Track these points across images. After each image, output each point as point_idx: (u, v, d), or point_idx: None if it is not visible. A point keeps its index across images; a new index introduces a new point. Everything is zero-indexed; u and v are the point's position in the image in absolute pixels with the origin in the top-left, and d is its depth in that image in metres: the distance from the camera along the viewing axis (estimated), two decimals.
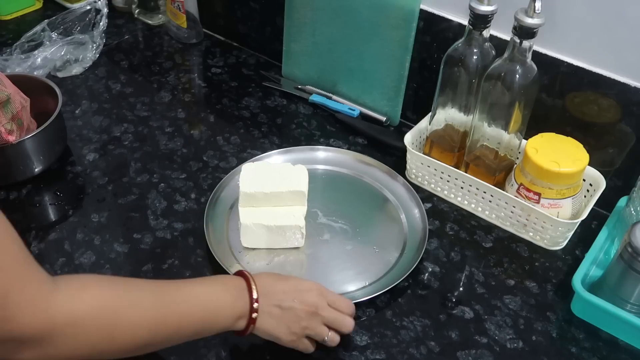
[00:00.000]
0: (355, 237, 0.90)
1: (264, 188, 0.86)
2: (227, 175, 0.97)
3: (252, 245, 0.87)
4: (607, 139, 0.93)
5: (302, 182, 0.87)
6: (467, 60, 0.89)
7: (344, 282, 0.84)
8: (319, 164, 1.02)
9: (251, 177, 0.88)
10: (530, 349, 0.78)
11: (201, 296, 0.65)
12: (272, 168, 0.91)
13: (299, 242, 0.87)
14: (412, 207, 0.94)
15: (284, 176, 0.88)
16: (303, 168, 0.90)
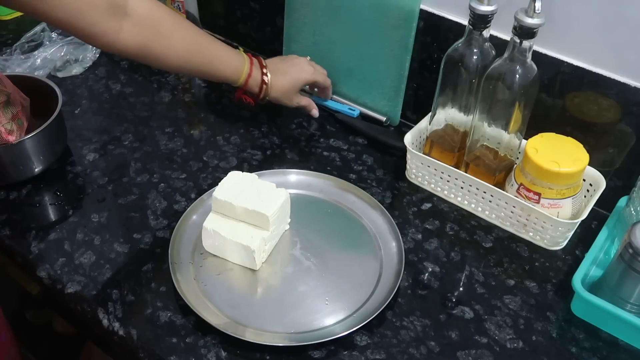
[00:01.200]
0: (317, 280, 0.84)
1: (234, 200, 0.84)
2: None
3: (212, 251, 0.86)
4: (607, 139, 0.93)
5: (271, 207, 0.84)
6: (467, 60, 0.89)
7: (271, 322, 0.79)
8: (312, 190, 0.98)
9: (230, 186, 0.86)
10: (530, 349, 0.78)
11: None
12: (255, 184, 0.87)
13: (253, 265, 0.84)
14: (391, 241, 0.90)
15: (260, 195, 0.85)
16: (284, 193, 0.87)
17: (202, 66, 0.95)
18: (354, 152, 1.08)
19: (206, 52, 0.95)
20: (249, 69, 0.99)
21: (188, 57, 0.92)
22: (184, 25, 0.92)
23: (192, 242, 0.88)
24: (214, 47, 0.96)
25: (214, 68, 0.96)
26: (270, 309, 0.81)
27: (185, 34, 0.91)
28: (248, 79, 0.99)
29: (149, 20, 0.85)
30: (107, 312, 0.80)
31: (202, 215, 0.90)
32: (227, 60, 0.98)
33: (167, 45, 0.88)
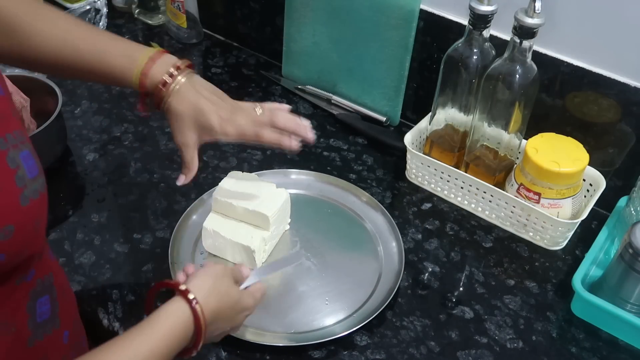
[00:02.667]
0: (317, 280, 0.84)
1: (234, 200, 0.84)
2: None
3: (212, 251, 0.86)
4: (607, 139, 0.93)
5: (271, 207, 0.84)
6: (467, 60, 0.89)
7: (271, 322, 0.79)
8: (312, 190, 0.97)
9: (230, 185, 0.86)
10: (530, 349, 0.78)
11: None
12: (255, 184, 0.87)
13: (252, 264, 0.84)
14: (391, 240, 0.90)
15: (260, 195, 0.85)
16: (284, 193, 0.87)
17: (80, 64, 0.70)
18: (354, 152, 1.08)
19: (82, 46, 0.70)
20: (149, 60, 0.71)
21: (58, 56, 0.70)
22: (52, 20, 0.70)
23: (192, 242, 0.88)
24: (94, 39, 0.71)
25: (94, 69, 0.70)
26: (270, 309, 0.81)
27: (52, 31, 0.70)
28: (156, 59, 0.71)
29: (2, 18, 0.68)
30: (107, 312, 0.80)
31: (202, 215, 0.90)
32: (111, 58, 0.70)
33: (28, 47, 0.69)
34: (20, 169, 0.50)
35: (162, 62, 0.71)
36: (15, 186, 0.49)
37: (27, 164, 0.51)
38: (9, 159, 0.49)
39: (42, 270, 0.58)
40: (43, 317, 0.58)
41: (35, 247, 0.55)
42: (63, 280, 0.66)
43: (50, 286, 0.59)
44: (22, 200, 0.49)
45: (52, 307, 0.59)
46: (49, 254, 0.62)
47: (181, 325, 0.59)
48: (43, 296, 0.58)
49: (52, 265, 0.62)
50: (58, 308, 0.60)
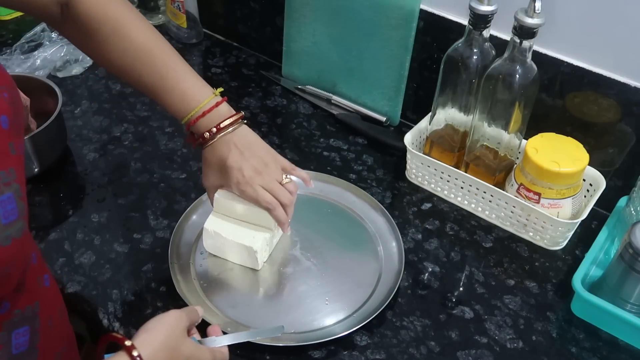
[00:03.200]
0: (317, 280, 0.84)
1: (235, 200, 0.82)
2: None
3: (213, 252, 0.86)
4: (607, 139, 0.93)
5: None
6: (467, 60, 0.89)
7: (272, 322, 0.79)
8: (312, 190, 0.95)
9: None
10: (530, 349, 0.78)
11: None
12: None
13: (255, 265, 0.84)
14: (391, 240, 0.90)
15: None
16: None
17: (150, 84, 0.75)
18: (354, 152, 1.08)
19: (160, 63, 0.75)
20: (201, 114, 0.75)
21: (131, 71, 0.75)
22: (134, 34, 0.74)
23: (192, 242, 0.88)
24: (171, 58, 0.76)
25: (164, 83, 0.75)
26: (270, 308, 0.81)
27: (136, 36, 0.74)
28: (206, 113, 0.76)
29: (85, 23, 0.72)
30: (107, 312, 0.80)
31: (202, 215, 0.90)
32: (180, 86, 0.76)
33: (104, 53, 0.75)
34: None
35: (210, 118, 0.76)
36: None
37: (5, 208, 0.49)
38: None
39: (23, 301, 0.56)
40: (20, 349, 0.56)
41: (4, 290, 0.53)
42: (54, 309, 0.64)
43: (32, 317, 0.57)
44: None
45: (31, 339, 0.57)
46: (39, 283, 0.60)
47: None
48: (21, 327, 0.56)
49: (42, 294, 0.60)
50: (38, 340, 0.59)
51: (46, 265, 0.65)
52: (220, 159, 0.78)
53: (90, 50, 0.77)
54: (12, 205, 0.50)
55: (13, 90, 0.55)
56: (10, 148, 0.52)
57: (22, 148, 0.55)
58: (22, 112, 0.56)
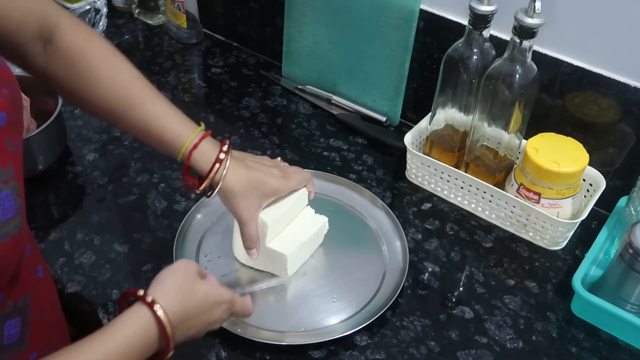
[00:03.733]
0: (323, 278, 0.85)
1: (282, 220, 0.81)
2: None
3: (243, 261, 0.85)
4: (607, 139, 0.93)
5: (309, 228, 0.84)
6: (467, 60, 0.89)
7: (276, 322, 0.79)
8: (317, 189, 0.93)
9: None
10: (530, 349, 0.78)
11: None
12: None
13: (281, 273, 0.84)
14: (395, 240, 0.90)
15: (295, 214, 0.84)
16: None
17: (132, 120, 0.71)
18: (354, 152, 1.08)
19: (139, 105, 0.71)
20: (197, 139, 0.72)
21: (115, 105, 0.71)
22: (117, 69, 0.71)
23: (196, 243, 0.88)
24: (152, 103, 0.72)
25: (148, 127, 0.71)
26: (277, 308, 0.81)
27: (114, 81, 0.71)
28: (193, 151, 0.71)
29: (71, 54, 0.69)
30: (107, 312, 0.80)
31: (206, 215, 0.90)
32: (167, 122, 0.72)
33: (86, 88, 0.70)
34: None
35: (208, 142, 0.73)
36: None
37: (3, 205, 0.50)
38: None
39: (16, 293, 0.56)
40: (11, 340, 0.57)
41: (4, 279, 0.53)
42: (46, 301, 0.64)
43: (24, 308, 0.58)
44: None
45: (22, 330, 0.58)
46: (32, 274, 0.61)
47: (141, 329, 0.58)
48: (13, 318, 0.57)
49: (35, 286, 0.60)
50: (29, 331, 0.59)
51: (42, 257, 0.65)
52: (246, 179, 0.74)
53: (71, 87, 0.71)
54: (10, 202, 0.50)
55: (13, 87, 0.55)
56: (7, 145, 0.52)
57: (20, 145, 0.56)
58: (22, 109, 0.56)
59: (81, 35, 0.70)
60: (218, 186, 0.73)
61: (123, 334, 0.57)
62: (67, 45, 0.69)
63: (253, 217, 0.76)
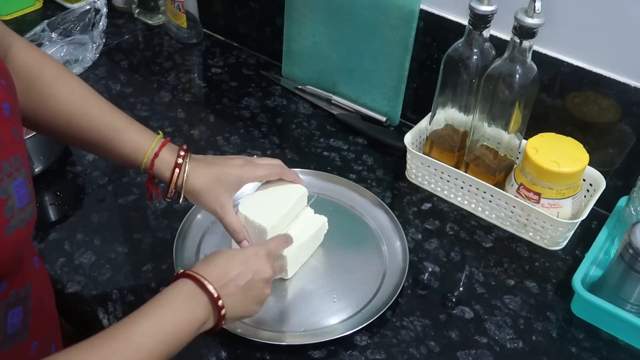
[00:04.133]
0: (323, 278, 0.85)
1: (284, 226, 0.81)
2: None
3: None
4: (607, 139, 0.93)
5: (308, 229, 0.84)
6: (467, 60, 0.89)
7: (276, 322, 0.79)
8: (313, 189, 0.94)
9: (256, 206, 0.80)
10: (530, 349, 0.78)
11: (155, 333, 0.59)
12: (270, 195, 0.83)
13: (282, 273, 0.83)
14: (395, 240, 0.90)
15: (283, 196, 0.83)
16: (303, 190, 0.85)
17: (92, 134, 0.72)
18: (354, 152, 1.08)
19: (98, 118, 0.72)
20: (157, 147, 0.74)
21: (72, 122, 0.71)
22: (74, 85, 0.72)
23: (196, 243, 0.88)
24: (111, 115, 0.74)
25: (108, 140, 0.72)
26: (278, 307, 0.81)
27: (72, 96, 0.72)
28: (154, 159, 0.73)
29: (26, 72, 0.69)
30: (107, 312, 0.80)
31: (206, 215, 0.90)
32: (127, 134, 0.73)
33: (45, 105, 0.70)
34: (11, 198, 0.50)
35: (168, 149, 0.75)
36: (3, 217, 0.49)
37: (19, 192, 0.51)
38: (1, 190, 0.49)
39: (18, 282, 0.57)
40: (14, 329, 0.57)
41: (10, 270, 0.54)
42: (44, 290, 0.65)
43: (25, 298, 0.59)
44: (7, 231, 0.49)
45: (23, 319, 0.58)
46: (30, 264, 0.61)
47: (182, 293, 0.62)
48: (16, 307, 0.57)
49: (33, 276, 0.61)
50: (30, 320, 0.60)
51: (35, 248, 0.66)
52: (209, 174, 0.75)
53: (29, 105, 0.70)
54: (24, 189, 0.52)
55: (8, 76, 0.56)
56: (14, 134, 0.53)
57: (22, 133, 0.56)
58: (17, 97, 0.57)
59: (35, 54, 0.71)
60: (182, 190, 0.74)
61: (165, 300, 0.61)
62: (22, 65, 0.69)
63: (227, 209, 0.76)
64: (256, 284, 0.67)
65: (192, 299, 0.62)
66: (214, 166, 0.76)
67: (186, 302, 0.62)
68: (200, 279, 0.62)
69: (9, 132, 0.52)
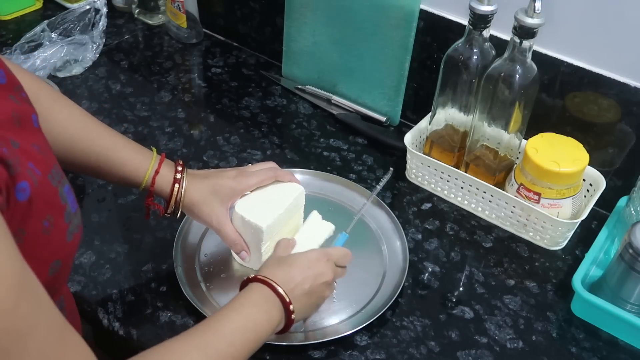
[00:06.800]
0: None
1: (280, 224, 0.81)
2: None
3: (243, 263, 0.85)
4: (607, 139, 0.93)
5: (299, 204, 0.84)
6: (467, 60, 0.89)
7: None
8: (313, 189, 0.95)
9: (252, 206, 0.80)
10: (530, 349, 0.78)
11: (242, 331, 0.63)
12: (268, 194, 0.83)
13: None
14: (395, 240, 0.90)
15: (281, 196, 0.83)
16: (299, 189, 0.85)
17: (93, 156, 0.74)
18: (354, 152, 1.08)
19: (97, 141, 0.74)
20: (157, 165, 0.76)
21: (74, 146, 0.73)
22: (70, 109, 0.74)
23: (196, 243, 0.88)
24: (109, 137, 0.76)
25: (109, 161, 0.74)
26: None
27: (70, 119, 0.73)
28: (155, 177, 0.76)
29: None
30: (107, 312, 0.80)
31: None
32: (126, 154, 0.75)
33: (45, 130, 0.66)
34: (67, 205, 0.51)
35: (166, 166, 0.77)
36: (64, 222, 0.50)
37: (70, 199, 0.52)
38: (61, 196, 0.50)
39: (57, 295, 0.58)
40: None
41: (67, 278, 0.57)
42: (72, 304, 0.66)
43: (62, 310, 0.59)
44: (68, 236, 0.51)
45: None
46: None
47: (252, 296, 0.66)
48: None
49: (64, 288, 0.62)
50: None
51: None
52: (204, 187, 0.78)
53: None
54: (72, 195, 0.54)
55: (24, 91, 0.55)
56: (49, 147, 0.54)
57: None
58: None
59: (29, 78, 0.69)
60: (181, 204, 0.77)
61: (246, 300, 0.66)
62: None
63: (223, 221, 0.78)
64: (318, 288, 0.72)
65: (268, 301, 0.67)
66: (209, 179, 0.79)
67: (264, 303, 0.67)
68: (272, 284, 0.67)
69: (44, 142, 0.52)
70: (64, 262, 0.50)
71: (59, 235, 0.49)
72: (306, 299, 0.71)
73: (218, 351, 0.60)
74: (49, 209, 0.48)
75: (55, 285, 0.52)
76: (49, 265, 0.49)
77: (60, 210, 0.49)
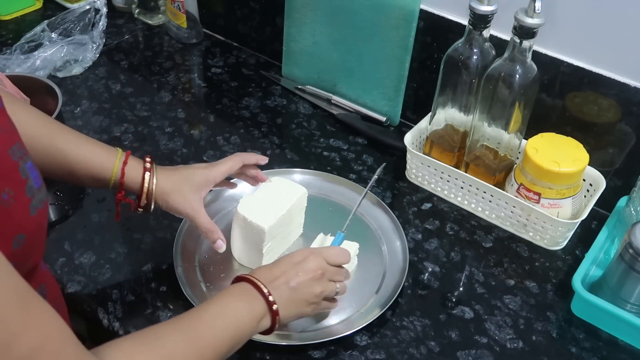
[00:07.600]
0: None
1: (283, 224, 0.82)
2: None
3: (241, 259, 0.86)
4: (607, 139, 0.93)
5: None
6: (467, 60, 0.89)
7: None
8: (313, 189, 0.94)
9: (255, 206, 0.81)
10: (530, 349, 0.78)
11: (222, 317, 0.65)
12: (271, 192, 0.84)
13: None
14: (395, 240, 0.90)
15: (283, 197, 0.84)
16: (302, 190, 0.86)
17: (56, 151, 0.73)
18: (354, 152, 1.08)
19: (57, 137, 0.73)
20: (124, 157, 0.76)
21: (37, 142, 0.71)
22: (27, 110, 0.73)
23: (196, 243, 0.88)
24: (69, 133, 0.75)
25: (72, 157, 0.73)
26: None
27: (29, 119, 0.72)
28: (124, 167, 0.75)
29: None
30: (107, 312, 0.80)
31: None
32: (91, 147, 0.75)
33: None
34: (29, 179, 0.51)
35: (134, 160, 0.77)
36: (25, 196, 0.50)
37: (33, 174, 0.52)
38: (21, 170, 0.50)
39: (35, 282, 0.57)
40: None
41: (38, 256, 0.56)
42: (56, 293, 0.66)
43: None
44: (31, 210, 0.51)
45: None
46: (42, 265, 0.62)
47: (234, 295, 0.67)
48: None
49: (45, 277, 0.62)
50: None
51: None
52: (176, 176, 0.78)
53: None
54: (35, 171, 0.53)
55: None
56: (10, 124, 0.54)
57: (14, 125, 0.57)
58: None
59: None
60: (153, 194, 0.76)
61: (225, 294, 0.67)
62: None
63: (197, 209, 0.78)
64: (304, 283, 0.71)
65: (248, 293, 0.67)
66: (180, 169, 0.80)
67: (244, 294, 0.67)
68: (251, 278, 0.68)
69: (6, 122, 0.53)
70: (29, 236, 0.51)
71: (21, 209, 0.50)
72: (290, 292, 0.70)
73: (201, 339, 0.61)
74: (7, 182, 0.48)
75: (24, 260, 0.52)
76: (12, 239, 0.49)
77: (21, 184, 0.50)
